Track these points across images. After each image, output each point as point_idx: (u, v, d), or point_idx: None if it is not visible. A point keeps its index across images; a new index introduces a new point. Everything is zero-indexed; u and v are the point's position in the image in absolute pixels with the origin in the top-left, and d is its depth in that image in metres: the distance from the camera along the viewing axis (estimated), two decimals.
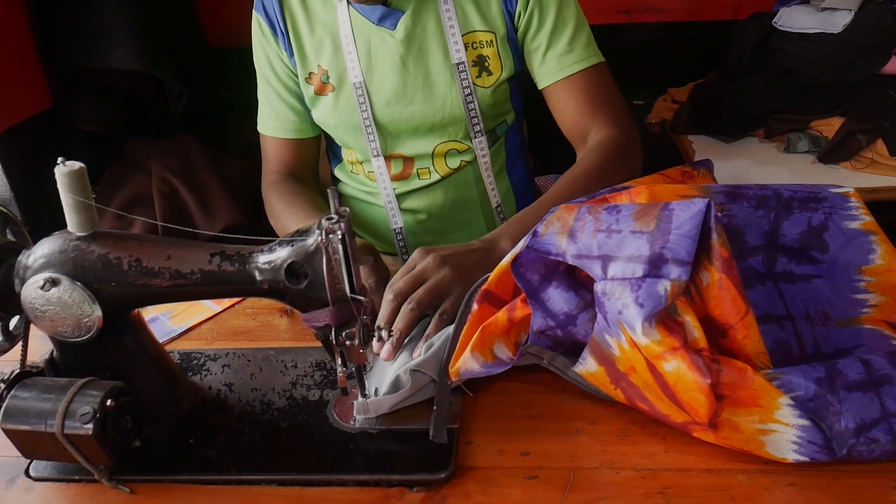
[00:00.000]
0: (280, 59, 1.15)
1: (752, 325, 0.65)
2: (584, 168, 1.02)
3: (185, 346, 0.90)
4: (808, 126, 1.81)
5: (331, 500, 0.65)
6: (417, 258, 0.82)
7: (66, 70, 1.91)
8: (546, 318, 0.71)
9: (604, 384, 0.70)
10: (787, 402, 0.62)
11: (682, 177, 0.89)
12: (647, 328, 0.62)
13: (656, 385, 0.64)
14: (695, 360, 0.61)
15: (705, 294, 0.65)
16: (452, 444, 0.68)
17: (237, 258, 0.68)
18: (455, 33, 1.08)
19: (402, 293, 0.78)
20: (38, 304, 0.67)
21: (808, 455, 0.62)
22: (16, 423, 0.66)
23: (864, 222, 0.73)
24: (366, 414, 0.72)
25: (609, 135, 1.07)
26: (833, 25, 1.85)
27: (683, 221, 0.64)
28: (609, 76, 1.13)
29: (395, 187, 1.19)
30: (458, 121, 1.13)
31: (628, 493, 0.63)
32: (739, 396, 0.63)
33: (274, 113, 1.18)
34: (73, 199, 0.65)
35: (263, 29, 1.14)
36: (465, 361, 0.71)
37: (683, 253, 0.63)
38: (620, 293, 0.64)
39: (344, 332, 0.67)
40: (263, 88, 1.19)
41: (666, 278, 0.63)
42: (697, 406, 0.62)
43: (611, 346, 0.67)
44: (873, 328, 0.71)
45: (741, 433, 0.63)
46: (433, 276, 0.80)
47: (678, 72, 2.21)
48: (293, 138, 1.19)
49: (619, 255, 0.66)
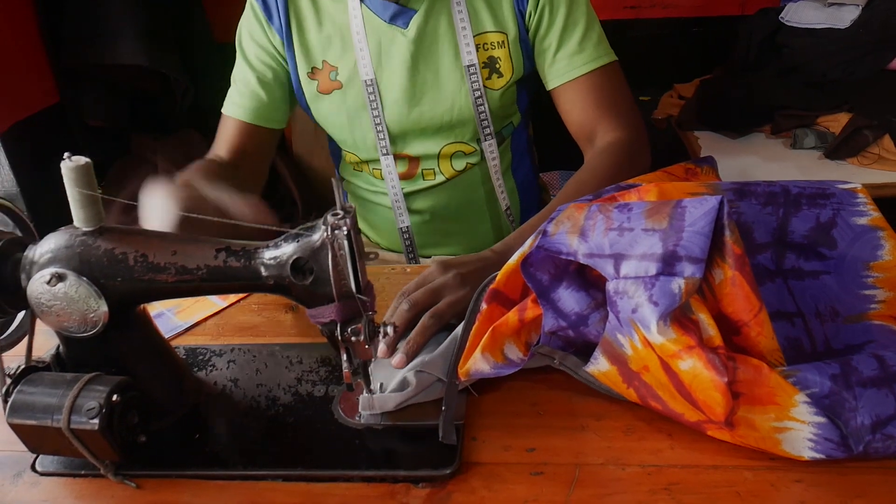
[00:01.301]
0: (271, 45, 1.12)
1: (765, 323, 0.64)
2: (592, 172, 1.01)
3: (191, 341, 0.90)
4: (815, 122, 1.80)
5: (336, 496, 0.65)
6: (436, 273, 0.81)
7: (72, 65, 1.91)
8: (557, 319, 0.70)
9: (616, 384, 0.69)
10: (803, 399, 0.61)
11: (686, 174, 0.89)
12: (662, 327, 0.61)
13: (670, 384, 0.64)
14: (711, 358, 0.61)
15: (718, 291, 0.65)
16: (458, 440, 0.68)
17: (243, 254, 0.68)
18: (467, 35, 1.07)
19: (420, 305, 0.77)
20: (44, 300, 0.67)
21: (824, 452, 0.61)
22: (22, 417, 0.66)
23: (872, 218, 0.72)
24: (371, 410, 0.72)
25: (617, 137, 1.06)
26: (840, 21, 1.84)
27: (697, 218, 0.64)
28: (620, 75, 1.12)
29: (402, 187, 1.19)
30: (466, 122, 1.12)
31: (634, 490, 0.63)
32: (756, 394, 0.62)
33: (249, 94, 1.13)
34: (79, 194, 0.66)
35: (257, 12, 1.11)
36: (475, 362, 0.70)
37: (697, 250, 0.62)
38: (634, 292, 0.64)
39: (349, 328, 0.67)
40: (241, 70, 1.14)
41: (680, 276, 0.62)
42: (714, 404, 0.61)
43: (623, 345, 0.66)
44: (882, 324, 0.71)
45: (757, 431, 0.63)
46: (453, 294, 0.78)
47: (684, 67, 2.20)
48: (254, 123, 1.13)
49: (632, 254, 0.65)
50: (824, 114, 1.78)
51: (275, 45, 1.12)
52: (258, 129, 1.14)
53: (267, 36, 1.12)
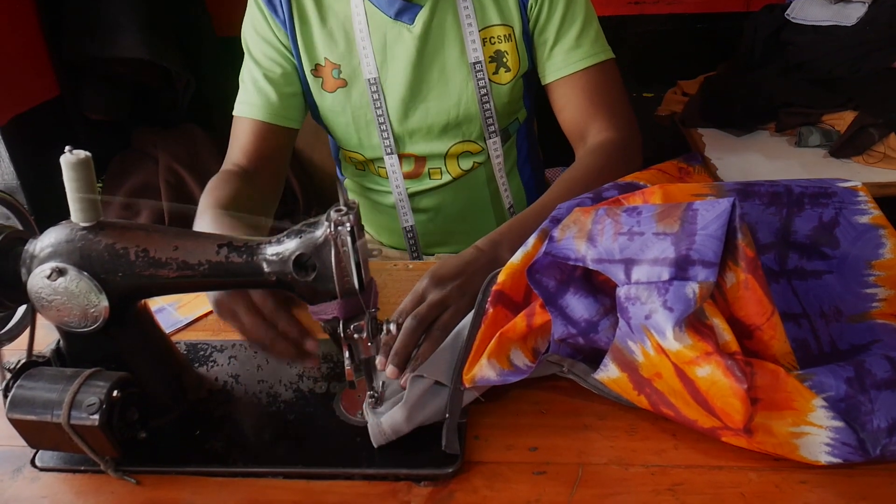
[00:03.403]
0: (278, 40, 1.09)
1: (778, 326, 0.64)
2: (583, 170, 1.00)
3: (192, 336, 0.90)
4: (820, 120, 1.79)
5: (337, 494, 0.65)
6: (431, 287, 0.78)
7: (73, 58, 1.91)
8: (567, 326, 0.69)
9: (626, 391, 0.68)
10: (820, 403, 0.61)
11: (680, 173, 0.88)
12: (678, 333, 0.60)
13: (685, 391, 0.63)
14: (730, 365, 0.60)
15: (729, 295, 0.64)
16: (460, 439, 0.68)
17: (245, 249, 0.68)
18: (473, 31, 1.06)
19: (426, 319, 0.74)
20: (45, 294, 0.67)
21: (841, 457, 0.61)
22: (22, 412, 0.66)
23: (873, 216, 0.72)
24: (386, 438, 0.68)
25: (609, 137, 1.05)
26: (846, 18, 1.83)
27: (709, 222, 0.63)
28: (616, 73, 1.11)
29: (407, 186, 1.18)
30: (472, 119, 1.11)
31: (637, 490, 0.62)
32: (773, 399, 0.61)
33: (258, 92, 1.09)
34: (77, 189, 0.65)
35: (262, 7, 1.09)
36: (481, 368, 0.69)
37: (710, 254, 0.62)
38: (647, 297, 0.63)
39: (352, 325, 0.66)
40: (250, 68, 1.11)
41: (694, 280, 0.61)
42: (732, 412, 0.60)
43: (634, 352, 0.65)
44: (886, 322, 0.71)
45: (775, 437, 0.62)
46: (455, 304, 0.76)
47: (689, 64, 2.19)
48: (270, 122, 1.09)
49: (643, 259, 0.64)
50: (829, 112, 1.77)
51: (280, 39, 1.10)
52: (272, 128, 1.10)
53: (272, 31, 1.09)
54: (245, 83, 1.12)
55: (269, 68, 1.11)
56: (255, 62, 1.11)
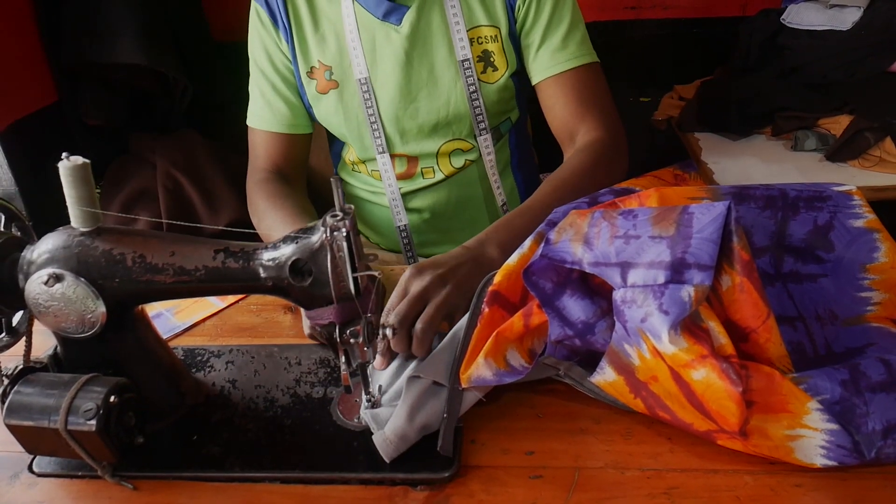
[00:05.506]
0: (279, 50, 1.13)
1: (773, 329, 0.64)
2: (571, 171, 1.00)
3: (189, 342, 0.90)
4: (816, 124, 1.79)
5: (334, 499, 0.65)
6: (412, 279, 0.77)
7: (71, 64, 1.91)
8: (564, 328, 0.69)
9: (623, 394, 0.69)
10: (815, 406, 0.61)
11: (675, 179, 0.88)
12: (674, 336, 0.61)
13: (681, 394, 0.63)
14: (725, 368, 0.60)
15: (725, 298, 0.64)
16: (456, 443, 0.68)
17: (241, 255, 0.68)
18: (460, 29, 1.08)
19: (408, 317, 0.74)
20: (42, 300, 0.67)
21: (836, 459, 0.61)
22: (19, 418, 0.66)
23: (868, 220, 0.72)
24: (395, 450, 0.67)
25: (597, 137, 1.05)
26: (842, 22, 1.84)
27: (705, 225, 0.63)
28: (602, 77, 1.12)
29: (400, 186, 1.19)
30: (462, 118, 1.12)
31: (633, 494, 0.63)
32: (769, 402, 0.62)
33: (268, 105, 1.14)
34: (76, 195, 0.65)
35: (263, 19, 1.11)
36: (477, 368, 0.69)
37: (706, 257, 0.62)
38: (643, 301, 0.63)
39: (348, 330, 0.66)
40: (258, 80, 1.16)
41: (689, 284, 0.62)
42: (727, 415, 0.61)
43: (630, 355, 0.65)
44: (880, 326, 0.71)
45: (770, 440, 0.62)
46: (437, 296, 0.75)
47: (685, 69, 2.20)
48: (286, 133, 1.15)
49: (639, 262, 0.64)
50: (825, 116, 1.78)
51: (282, 49, 1.12)
52: (287, 137, 1.16)
53: (275, 41, 1.12)
54: (255, 94, 1.16)
55: (277, 79, 1.14)
56: (262, 73, 1.15)
